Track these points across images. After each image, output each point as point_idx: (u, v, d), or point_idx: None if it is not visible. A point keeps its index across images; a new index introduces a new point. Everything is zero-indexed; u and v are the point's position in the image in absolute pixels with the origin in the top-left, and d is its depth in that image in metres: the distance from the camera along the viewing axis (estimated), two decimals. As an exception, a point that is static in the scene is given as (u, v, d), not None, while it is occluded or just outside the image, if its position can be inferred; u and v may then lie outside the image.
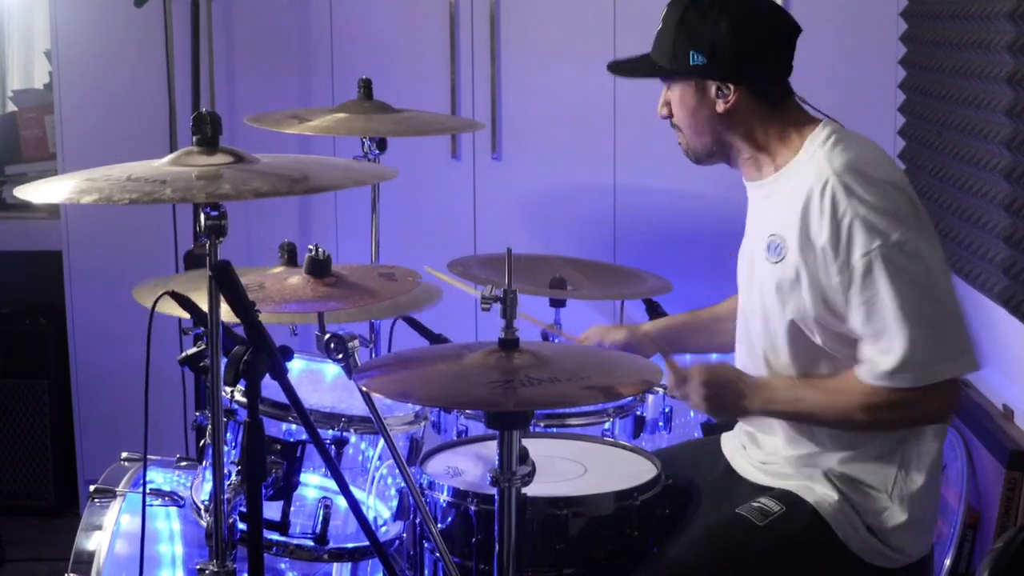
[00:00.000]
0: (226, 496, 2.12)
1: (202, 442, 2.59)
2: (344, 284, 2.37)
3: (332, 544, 2.44)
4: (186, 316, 2.40)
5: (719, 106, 2.36)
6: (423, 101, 3.64)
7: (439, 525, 2.33)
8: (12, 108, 4.96)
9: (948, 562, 2.99)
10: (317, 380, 2.80)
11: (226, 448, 2.35)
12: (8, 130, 4.78)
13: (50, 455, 4.36)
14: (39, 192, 2.05)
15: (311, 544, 2.43)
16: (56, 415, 4.35)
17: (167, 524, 2.69)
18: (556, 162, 4.02)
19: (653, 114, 2.47)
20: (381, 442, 2.50)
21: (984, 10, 2.95)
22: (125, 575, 2.53)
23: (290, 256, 2.51)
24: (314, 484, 2.50)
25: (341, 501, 2.29)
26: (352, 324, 2.55)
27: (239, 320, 2.03)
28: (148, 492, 2.53)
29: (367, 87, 3.24)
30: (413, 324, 2.87)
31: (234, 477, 2.17)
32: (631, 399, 2.91)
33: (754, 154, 2.40)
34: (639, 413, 2.96)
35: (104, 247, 4.22)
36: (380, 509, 2.55)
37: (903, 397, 2.22)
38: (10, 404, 4.34)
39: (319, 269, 2.37)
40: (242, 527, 2.16)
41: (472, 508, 2.30)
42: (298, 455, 2.35)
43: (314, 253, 2.37)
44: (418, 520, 2.36)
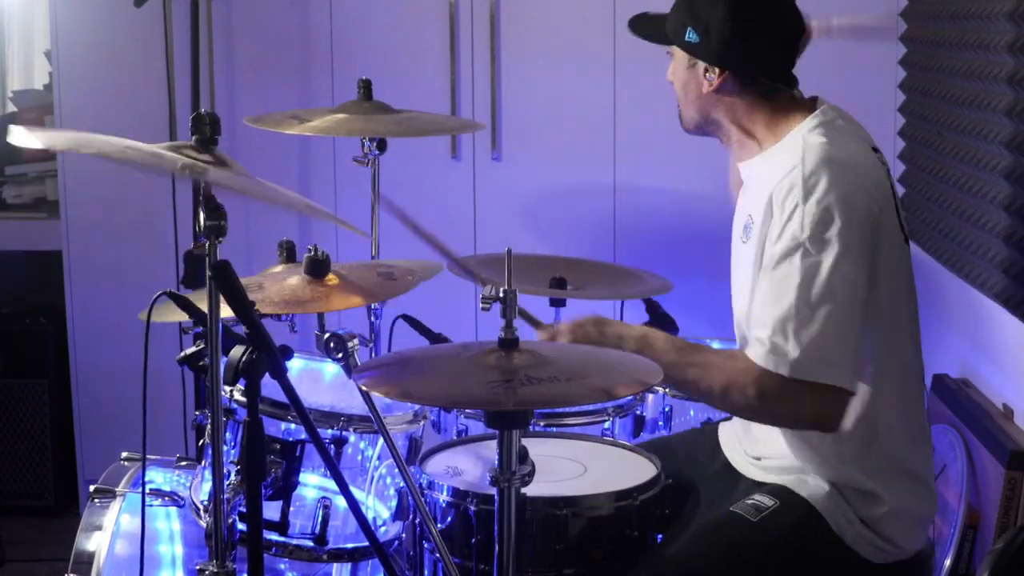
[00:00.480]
0: (226, 496, 2.12)
1: (201, 442, 2.59)
2: (343, 284, 2.38)
3: (331, 544, 2.44)
4: (185, 318, 2.40)
5: (704, 86, 2.38)
6: (423, 102, 3.64)
7: (439, 525, 2.33)
8: (12, 108, 4.96)
9: (948, 562, 2.99)
10: (316, 379, 2.80)
11: (226, 448, 2.35)
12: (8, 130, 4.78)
13: (50, 455, 4.36)
14: (37, 137, 2.01)
15: (310, 544, 2.43)
16: (56, 415, 4.35)
17: (167, 524, 2.69)
18: (556, 162, 4.02)
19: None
20: (380, 442, 2.50)
21: (984, 10, 2.95)
22: (125, 575, 2.53)
23: (289, 255, 2.50)
24: (313, 484, 2.50)
25: (340, 501, 2.29)
26: (352, 324, 2.55)
27: (239, 319, 2.03)
28: (148, 492, 2.53)
29: (367, 87, 3.24)
30: (413, 323, 2.87)
31: (233, 477, 2.17)
32: (631, 399, 2.91)
33: (741, 137, 2.42)
34: (639, 413, 2.96)
35: (104, 247, 4.22)
36: (379, 509, 2.55)
37: (788, 389, 2.20)
38: (10, 404, 4.34)
39: (318, 269, 2.37)
40: (242, 527, 2.16)
41: (472, 508, 2.30)
42: (297, 455, 2.34)
43: (313, 253, 2.37)
44: (418, 520, 2.36)
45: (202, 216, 2.02)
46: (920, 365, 2.42)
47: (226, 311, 2.05)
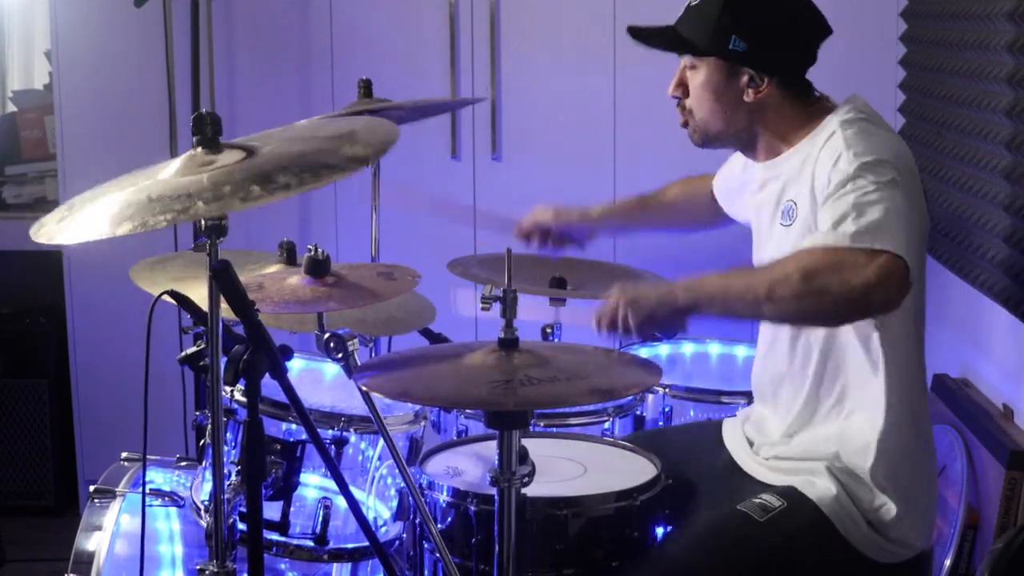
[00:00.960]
0: (226, 496, 2.11)
1: (202, 442, 2.59)
2: (343, 284, 2.38)
3: (332, 544, 2.44)
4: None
5: (748, 95, 2.35)
6: (423, 101, 3.64)
7: (439, 525, 2.33)
8: (12, 108, 4.96)
9: (948, 562, 2.98)
10: (317, 379, 2.80)
11: (226, 448, 2.35)
12: (8, 130, 4.78)
13: (50, 455, 4.36)
14: (63, 234, 2.00)
15: (311, 544, 2.43)
16: (56, 415, 4.35)
17: (167, 524, 2.69)
18: (556, 162, 4.02)
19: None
20: (381, 442, 2.50)
21: (984, 10, 2.95)
22: (125, 575, 2.53)
23: (289, 255, 2.50)
24: (314, 484, 2.50)
25: (341, 501, 2.29)
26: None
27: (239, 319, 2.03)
28: (148, 492, 2.53)
29: (367, 87, 3.24)
30: (413, 323, 2.87)
31: (234, 477, 2.17)
32: (631, 399, 2.91)
33: (770, 140, 2.41)
34: (639, 413, 2.96)
35: (104, 247, 4.18)
36: (380, 509, 2.55)
37: (840, 258, 2.10)
38: (10, 404, 4.34)
39: (318, 269, 2.37)
40: (242, 527, 2.16)
41: (472, 508, 2.30)
42: (298, 455, 2.34)
43: (313, 253, 2.37)
44: (418, 520, 2.36)
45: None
46: (923, 365, 2.42)
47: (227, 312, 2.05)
